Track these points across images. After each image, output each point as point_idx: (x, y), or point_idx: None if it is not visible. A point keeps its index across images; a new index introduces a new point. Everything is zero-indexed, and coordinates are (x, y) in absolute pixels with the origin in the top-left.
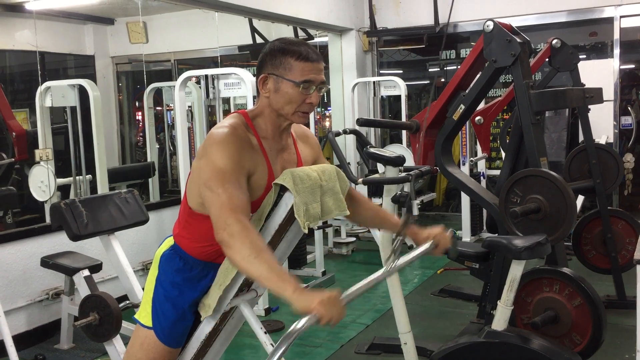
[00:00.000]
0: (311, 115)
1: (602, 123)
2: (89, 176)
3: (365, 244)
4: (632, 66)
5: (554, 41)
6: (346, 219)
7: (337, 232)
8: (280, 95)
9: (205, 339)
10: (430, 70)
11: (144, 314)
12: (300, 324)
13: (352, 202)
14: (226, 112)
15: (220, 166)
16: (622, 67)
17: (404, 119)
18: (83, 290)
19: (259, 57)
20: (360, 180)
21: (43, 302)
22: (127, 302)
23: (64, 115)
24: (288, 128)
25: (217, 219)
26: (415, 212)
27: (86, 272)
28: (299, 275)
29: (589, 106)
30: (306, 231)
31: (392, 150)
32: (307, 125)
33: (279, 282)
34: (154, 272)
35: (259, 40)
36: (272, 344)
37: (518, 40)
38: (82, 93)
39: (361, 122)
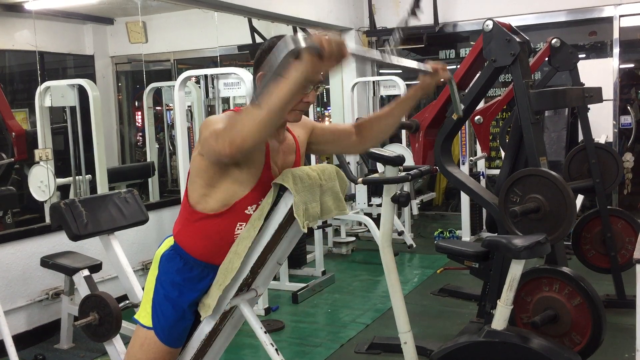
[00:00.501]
0: (311, 116)
1: (602, 122)
2: (88, 176)
3: (365, 243)
4: (632, 65)
5: (554, 40)
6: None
7: (336, 232)
8: None
9: (205, 339)
10: None
11: (144, 314)
12: (302, 42)
13: (360, 131)
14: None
15: (214, 122)
16: (621, 66)
17: (403, 118)
18: (83, 290)
19: (256, 54)
20: (360, 179)
21: (43, 302)
22: (127, 302)
23: (64, 115)
24: (284, 125)
25: (217, 144)
26: (415, 211)
27: (86, 272)
28: (299, 274)
29: (589, 105)
30: (305, 230)
31: (391, 150)
32: None
33: (282, 85)
34: (154, 272)
35: (258, 40)
36: (272, 344)
37: (517, 39)
38: (82, 93)
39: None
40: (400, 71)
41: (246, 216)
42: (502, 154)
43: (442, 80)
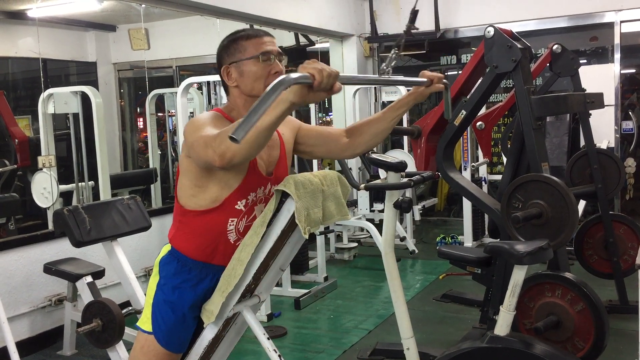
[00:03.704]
0: (313, 122)
1: (603, 128)
2: (91, 182)
3: (367, 249)
4: (633, 71)
5: (555, 46)
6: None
7: (339, 238)
8: (246, 77)
9: (208, 346)
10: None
11: (145, 320)
12: (293, 76)
13: (351, 135)
14: None
15: (199, 125)
16: (622, 71)
17: (405, 124)
18: (86, 297)
19: (217, 49)
20: (362, 185)
21: (46, 308)
22: (130, 308)
23: (67, 122)
24: None
25: (206, 153)
26: (417, 217)
27: (89, 279)
28: (301, 280)
29: (590, 111)
30: (307, 236)
31: (393, 156)
32: None
33: (273, 106)
34: (154, 278)
35: None
36: (275, 350)
37: (519, 45)
38: (85, 100)
39: None
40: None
41: (237, 212)
42: (504, 159)
43: (436, 90)
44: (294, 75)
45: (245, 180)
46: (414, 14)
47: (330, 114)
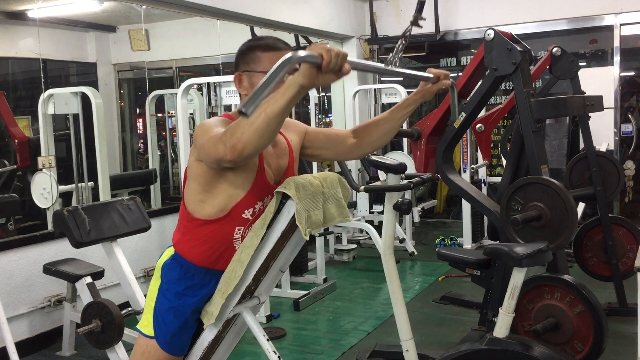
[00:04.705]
0: (313, 123)
1: (603, 130)
2: (91, 183)
3: (367, 251)
4: (632, 73)
5: (555, 49)
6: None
7: (338, 239)
8: None
9: (208, 347)
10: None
11: (146, 323)
12: (300, 54)
13: (358, 135)
14: None
15: (209, 127)
16: (622, 74)
17: (405, 126)
18: (85, 297)
19: (236, 54)
20: (361, 187)
21: (45, 309)
22: (129, 309)
23: (66, 123)
24: None
25: (216, 149)
26: (417, 219)
27: (88, 279)
28: (300, 282)
29: (590, 114)
30: (307, 238)
31: (393, 158)
32: None
33: (279, 93)
34: (156, 281)
35: None
36: (274, 351)
37: (519, 48)
38: (85, 100)
39: None
40: (402, 79)
41: (244, 220)
42: (503, 161)
43: (443, 87)
44: (302, 53)
45: (253, 188)
46: (421, 4)
47: (330, 115)
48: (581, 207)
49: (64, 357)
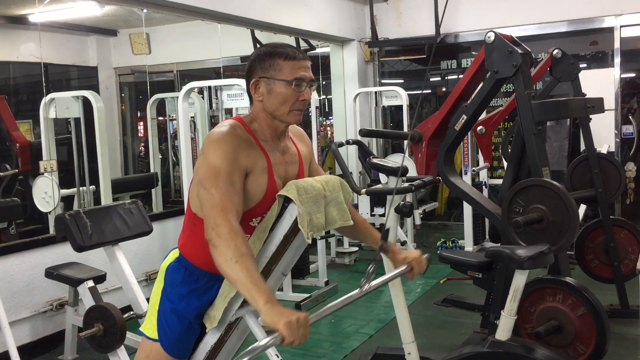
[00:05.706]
0: (313, 126)
1: (604, 132)
2: (92, 187)
3: (368, 253)
4: (633, 75)
5: (555, 51)
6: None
7: (339, 242)
8: (274, 97)
9: (210, 350)
10: (431, 79)
11: (149, 326)
12: (264, 341)
13: None
14: None
15: (215, 165)
16: (622, 76)
17: (405, 129)
18: (87, 301)
19: (247, 64)
20: (363, 190)
21: (47, 313)
22: (131, 312)
23: (68, 127)
24: (285, 131)
25: (208, 218)
26: (418, 221)
27: (90, 283)
28: (302, 285)
29: (590, 116)
30: (309, 241)
31: (394, 161)
32: (310, 135)
33: (254, 291)
34: (159, 284)
35: None
36: (277, 355)
37: (519, 50)
38: (86, 104)
39: (364, 132)
40: (402, 81)
41: (250, 228)
42: (505, 164)
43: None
44: (264, 341)
45: (263, 201)
46: (386, 232)
47: (330, 117)
48: (582, 209)
49: None
